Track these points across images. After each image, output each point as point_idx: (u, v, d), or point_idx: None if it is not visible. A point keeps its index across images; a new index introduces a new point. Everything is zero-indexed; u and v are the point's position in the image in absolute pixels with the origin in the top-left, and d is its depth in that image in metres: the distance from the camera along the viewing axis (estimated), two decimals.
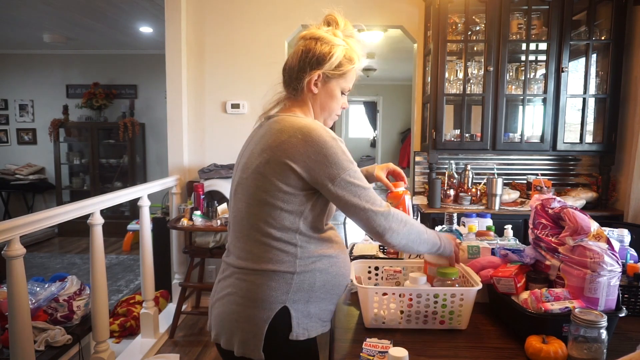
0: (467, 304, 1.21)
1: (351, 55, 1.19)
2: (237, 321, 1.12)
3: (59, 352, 2.13)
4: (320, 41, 1.17)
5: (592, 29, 2.85)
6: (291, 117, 1.14)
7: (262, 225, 1.11)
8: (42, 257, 5.01)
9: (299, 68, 1.17)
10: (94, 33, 5.07)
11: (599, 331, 1.00)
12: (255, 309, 1.11)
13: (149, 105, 6.11)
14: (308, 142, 1.06)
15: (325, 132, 1.09)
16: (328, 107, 1.21)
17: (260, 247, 1.11)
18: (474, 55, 3.06)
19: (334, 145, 1.07)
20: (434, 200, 2.97)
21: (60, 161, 5.89)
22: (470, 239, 1.73)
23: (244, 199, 1.15)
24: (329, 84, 1.18)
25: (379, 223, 1.08)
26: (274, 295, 1.10)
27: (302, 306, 1.12)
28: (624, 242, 1.55)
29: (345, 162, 1.07)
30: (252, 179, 1.12)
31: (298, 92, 1.19)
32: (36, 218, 1.89)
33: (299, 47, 1.19)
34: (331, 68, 1.16)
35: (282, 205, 1.09)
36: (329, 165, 1.06)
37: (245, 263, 1.13)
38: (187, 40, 3.35)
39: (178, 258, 3.39)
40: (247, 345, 1.11)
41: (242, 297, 1.12)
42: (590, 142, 2.97)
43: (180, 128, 3.37)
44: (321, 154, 1.06)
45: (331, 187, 1.07)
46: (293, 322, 1.11)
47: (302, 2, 3.28)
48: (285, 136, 1.08)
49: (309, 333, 1.14)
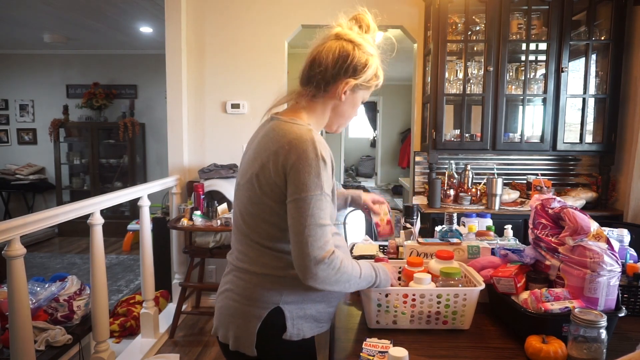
0: (470, 304, 1.21)
1: (378, 71, 1.18)
2: (232, 316, 1.15)
3: (59, 352, 2.13)
4: (358, 48, 1.12)
5: (592, 29, 2.85)
6: (288, 123, 1.11)
7: (254, 235, 1.13)
8: (42, 257, 5.01)
9: (335, 72, 1.12)
10: (94, 33, 5.07)
11: (598, 331, 1.00)
12: (249, 306, 1.13)
13: (149, 105, 6.11)
14: (291, 151, 1.04)
15: (313, 147, 1.04)
16: (347, 114, 1.20)
17: (255, 252, 1.14)
18: (474, 55, 3.06)
19: (312, 163, 1.03)
20: (434, 200, 2.98)
21: (60, 161, 5.89)
22: (470, 239, 1.73)
23: (240, 206, 1.17)
24: (356, 93, 1.17)
25: (306, 264, 1.03)
26: (267, 295, 1.12)
27: (296, 307, 1.13)
28: (624, 242, 1.55)
29: (313, 185, 1.02)
30: (245, 189, 1.14)
31: (321, 93, 1.14)
32: (36, 218, 1.89)
33: (334, 46, 1.12)
34: (365, 80, 1.14)
35: (270, 220, 1.10)
36: (296, 180, 1.03)
37: (242, 264, 1.16)
38: (187, 40, 3.35)
39: (178, 258, 3.39)
40: (240, 341, 1.13)
41: (238, 295, 1.15)
42: (590, 142, 2.97)
43: (180, 128, 3.37)
44: (295, 166, 1.03)
45: (289, 201, 1.05)
46: (287, 323, 1.12)
47: (302, 2, 3.28)
48: (276, 146, 1.07)
49: (303, 334, 1.15)
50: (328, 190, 1.06)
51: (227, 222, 2.81)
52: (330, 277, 1.05)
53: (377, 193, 1.18)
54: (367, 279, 1.14)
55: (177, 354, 2.60)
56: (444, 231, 1.72)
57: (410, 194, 3.49)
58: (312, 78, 1.14)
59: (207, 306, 3.52)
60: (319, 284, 1.05)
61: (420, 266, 1.32)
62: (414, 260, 1.33)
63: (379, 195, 1.54)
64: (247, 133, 3.43)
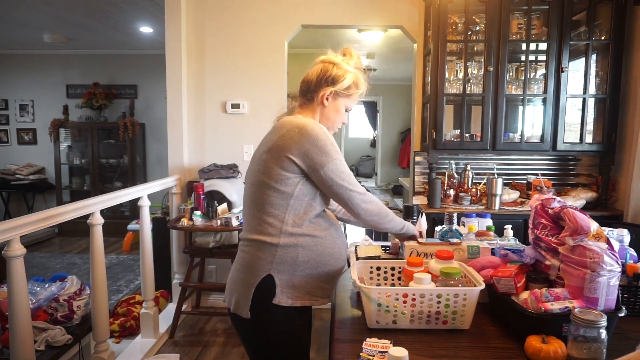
0: (470, 303, 1.21)
1: (358, 82, 1.46)
2: (235, 283, 1.38)
3: (59, 352, 2.13)
4: (336, 66, 1.43)
5: (592, 29, 2.85)
6: (292, 118, 1.38)
7: (258, 202, 1.34)
8: (42, 257, 5.01)
9: (317, 83, 1.43)
10: (94, 33, 5.07)
11: (598, 331, 1.00)
12: (246, 274, 1.35)
13: (149, 105, 6.11)
14: (303, 134, 1.29)
15: (318, 127, 1.33)
16: (332, 119, 1.47)
17: (254, 220, 1.36)
18: (474, 55, 3.06)
19: (324, 138, 1.31)
20: (434, 200, 2.98)
21: (60, 161, 5.89)
22: (470, 239, 1.73)
23: (249, 182, 1.39)
24: (337, 100, 1.45)
25: (357, 202, 1.36)
26: (260, 263, 1.33)
27: (286, 277, 1.33)
28: (624, 242, 1.55)
29: (334, 153, 1.31)
30: (255, 165, 1.38)
31: (310, 102, 1.45)
32: (36, 218, 1.89)
33: (318, 67, 1.45)
34: (342, 88, 1.43)
35: (275, 185, 1.31)
36: (320, 154, 1.29)
37: (244, 234, 1.39)
38: (187, 40, 3.35)
39: (178, 258, 3.39)
40: (238, 304, 1.35)
41: (240, 264, 1.38)
42: (590, 142, 2.97)
43: (180, 128, 3.37)
44: (314, 144, 1.29)
45: (321, 172, 1.30)
46: (277, 290, 1.32)
47: (302, 2, 3.28)
48: (284, 130, 1.33)
49: (292, 301, 1.33)
50: (341, 156, 1.34)
51: (227, 222, 2.81)
52: (373, 208, 1.39)
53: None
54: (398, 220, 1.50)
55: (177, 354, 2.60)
56: (444, 231, 1.72)
57: (410, 194, 3.49)
58: (303, 91, 1.47)
59: (207, 306, 3.52)
60: (367, 213, 1.38)
61: (420, 266, 1.32)
62: (414, 260, 1.33)
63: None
64: (247, 133, 3.44)
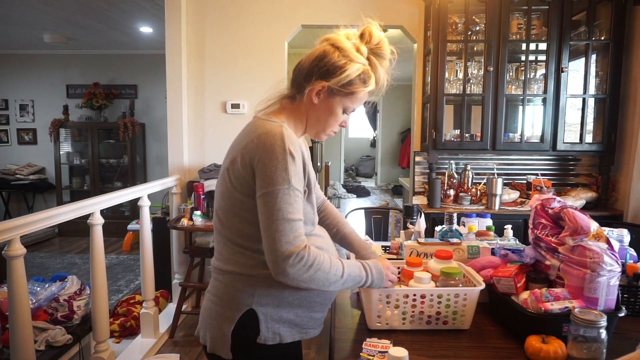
0: (470, 303, 1.21)
1: (367, 77, 1.10)
2: (209, 317, 1.14)
3: (59, 351, 2.13)
4: (340, 51, 1.08)
5: (592, 29, 2.85)
6: (263, 120, 1.10)
7: (227, 232, 1.11)
8: (42, 257, 5.00)
9: (307, 72, 1.10)
10: (94, 33, 5.07)
11: (598, 331, 1.00)
12: (223, 307, 1.11)
13: (149, 105, 6.11)
14: (259, 146, 1.02)
15: (281, 141, 1.01)
16: (323, 121, 1.15)
17: (228, 249, 1.12)
18: (474, 55, 3.06)
19: (279, 157, 1.00)
20: (434, 200, 2.98)
21: (60, 161, 5.89)
22: (470, 239, 1.73)
23: (216, 203, 1.15)
24: (331, 98, 1.11)
25: (275, 260, 0.99)
26: (239, 296, 1.09)
27: (271, 310, 1.10)
28: (624, 242, 1.55)
29: (280, 179, 1.00)
30: (220, 183, 1.12)
31: (299, 95, 1.13)
32: (36, 218, 1.89)
33: (318, 49, 1.11)
34: (338, 84, 1.08)
35: (241, 214, 1.07)
36: (263, 174, 1.01)
37: (218, 263, 1.15)
38: (187, 40, 3.35)
39: (178, 258, 3.39)
40: (216, 343, 1.11)
41: (214, 295, 1.14)
42: (590, 142, 2.97)
43: (180, 128, 3.37)
44: (262, 161, 1.01)
45: (257, 196, 1.02)
46: (261, 326, 1.09)
47: (302, 2, 3.28)
48: (246, 140, 1.06)
49: (280, 338, 1.11)
50: (297, 185, 1.03)
51: None
52: (301, 273, 1.00)
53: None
54: (354, 279, 1.10)
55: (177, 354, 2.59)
56: (444, 231, 1.72)
57: (410, 194, 3.49)
58: (294, 81, 1.14)
59: None
60: (290, 280, 1.01)
61: (419, 266, 1.32)
62: (414, 260, 1.33)
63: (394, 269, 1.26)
64: None
